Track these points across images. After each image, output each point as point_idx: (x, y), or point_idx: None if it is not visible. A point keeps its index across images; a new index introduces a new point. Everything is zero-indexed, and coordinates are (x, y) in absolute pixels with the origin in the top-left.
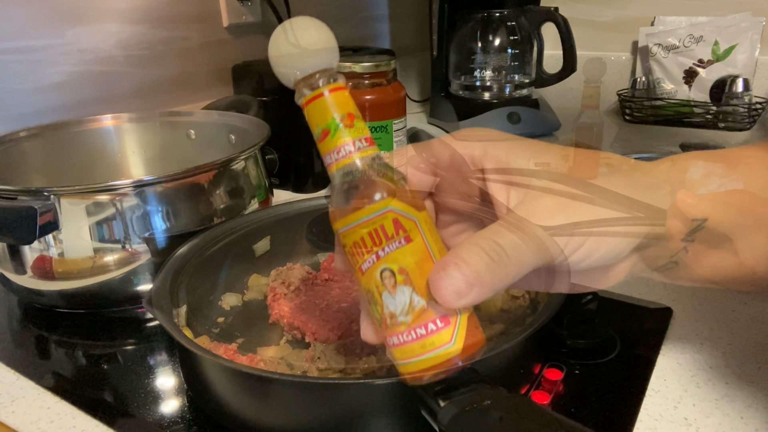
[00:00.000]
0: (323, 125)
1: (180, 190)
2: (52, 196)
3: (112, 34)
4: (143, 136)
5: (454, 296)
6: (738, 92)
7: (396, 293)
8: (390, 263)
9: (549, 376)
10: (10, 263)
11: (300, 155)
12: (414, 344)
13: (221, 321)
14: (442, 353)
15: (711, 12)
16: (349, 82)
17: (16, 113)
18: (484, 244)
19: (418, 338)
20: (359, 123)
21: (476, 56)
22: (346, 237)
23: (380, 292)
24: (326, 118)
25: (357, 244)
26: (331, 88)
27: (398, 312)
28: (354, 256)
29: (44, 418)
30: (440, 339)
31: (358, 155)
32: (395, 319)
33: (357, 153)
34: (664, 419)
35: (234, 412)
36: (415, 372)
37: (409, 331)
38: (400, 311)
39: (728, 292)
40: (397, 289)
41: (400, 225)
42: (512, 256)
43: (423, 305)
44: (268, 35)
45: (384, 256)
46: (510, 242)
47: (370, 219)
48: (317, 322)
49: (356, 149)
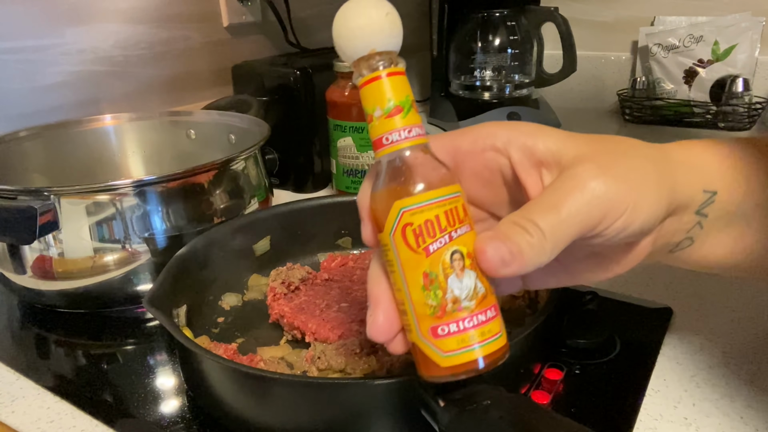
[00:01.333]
0: (397, 102)
1: (180, 190)
2: (52, 196)
3: (112, 34)
4: (143, 136)
5: (499, 263)
6: (738, 92)
7: (463, 276)
8: (461, 246)
9: (549, 376)
10: (10, 263)
11: (300, 155)
12: (475, 331)
13: (221, 321)
14: (496, 342)
15: (711, 12)
16: (349, 82)
17: (16, 113)
18: (522, 222)
19: (479, 324)
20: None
21: (476, 56)
22: (415, 215)
23: (447, 275)
24: (400, 96)
25: (430, 223)
26: (400, 69)
27: (463, 296)
28: (420, 236)
29: (44, 418)
30: (495, 327)
31: (425, 138)
32: (459, 304)
33: (424, 135)
34: (664, 419)
35: (234, 412)
36: (469, 361)
37: (471, 317)
38: (465, 296)
39: (728, 291)
40: (465, 272)
41: (466, 211)
42: (548, 233)
43: (484, 292)
44: (268, 35)
45: (456, 238)
46: (546, 219)
47: (447, 199)
48: (317, 322)
49: (423, 132)
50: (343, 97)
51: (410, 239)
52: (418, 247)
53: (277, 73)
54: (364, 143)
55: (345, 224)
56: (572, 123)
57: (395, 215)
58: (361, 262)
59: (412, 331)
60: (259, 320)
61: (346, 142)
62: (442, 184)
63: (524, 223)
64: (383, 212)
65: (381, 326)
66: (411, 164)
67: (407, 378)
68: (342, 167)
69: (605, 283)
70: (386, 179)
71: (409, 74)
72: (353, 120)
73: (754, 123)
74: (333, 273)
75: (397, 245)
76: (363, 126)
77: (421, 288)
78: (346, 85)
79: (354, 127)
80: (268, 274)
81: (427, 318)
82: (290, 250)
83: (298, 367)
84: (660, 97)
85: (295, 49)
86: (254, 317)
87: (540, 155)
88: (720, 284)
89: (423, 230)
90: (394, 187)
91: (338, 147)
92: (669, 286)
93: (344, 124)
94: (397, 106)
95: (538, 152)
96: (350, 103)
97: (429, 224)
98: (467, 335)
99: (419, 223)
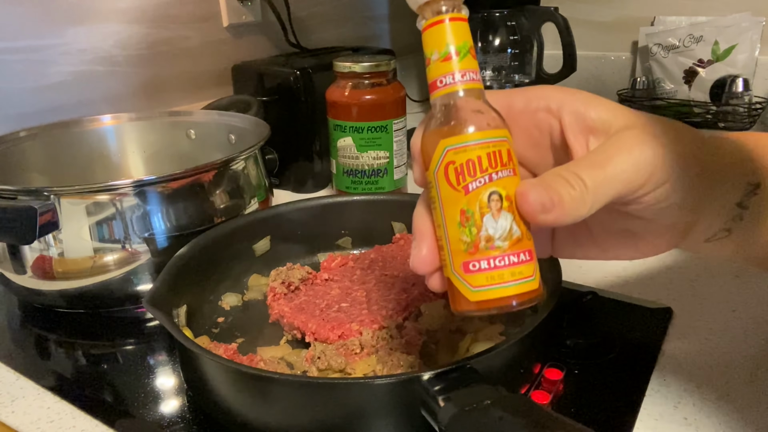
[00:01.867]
0: (456, 46)
1: (180, 190)
2: (52, 196)
3: (112, 34)
4: (143, 136)
5: (539, 207)
6: (738, 92)
7: (499, 217)
8: (500, 188)
9: (549, 376)
10: (10, 263)
11: (300, 155)
12: (505, 270)
13: (221, 321)
14: (527, 284)
15: (711, 12)
16: (349, 82)
17: (16, 113)
18: (567, 174)
19: (510, 265)
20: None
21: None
22: (458, 154)
23: (483, 214)
24: (459, 41)
25: (471, 163)
26: (463, 16)
27: (497, 236)
28: (461, 174)
29: (44, 418)
30: (528, 270)
31: (479, 84)
32: (492, 243)
33: (479, 81)
34: (664, 419)
35: (234, 412)
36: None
37: (503, 257)
38: (498, 236)
39: (728, 291)
40: (501, 213)
41: (510, 156)
42: (591, 187)
43: (519, 235)
44: (268, 35)
45: (496, 180)
46: (590, 174)
47: (492, 141)
48: (317, 322)
49: (478, 78)
50: (343, 97)
51: (451, 177)
52: (458, 184)
53: (277, 73)
54: (364, 143)
55: (345, 224)
56: None
57: (440, 153)
58: (361, 262)
59: (447, 266)
60: (259, 320)
61: (346, 142)
62: (488, 127)
63: (568, 175)
64: (430, 151)
65: (424, 258)
66: (461, 106)
67: (407, 378)
68: (342, 167)
69: (605, 283)
70: (437, 120)
71: (409, 74)
72: (353, 120)
73: (754, 123)
74: (333, 273)
75: (439, 182)
76: (363, 126)
77: (457, 224)
78: (346, 85)
79: (354, 127)
80: (268, 274)
81: (461, 253)
82: (290, 250)
83: (298, 367)
84: (660, 97)
85: (295, 49)
86: (254, 317)
87: (590, 122)
88: (720, 284)
89: (464, 169)
90: (443, 126)
91: (338, 147)
92: (669, 286)
93: (344, 124)
94: (455, 50)
95: (589, 119)
96: (350, 103)
97: (470, 163)
98: (497, 273)
99: (461, 161)
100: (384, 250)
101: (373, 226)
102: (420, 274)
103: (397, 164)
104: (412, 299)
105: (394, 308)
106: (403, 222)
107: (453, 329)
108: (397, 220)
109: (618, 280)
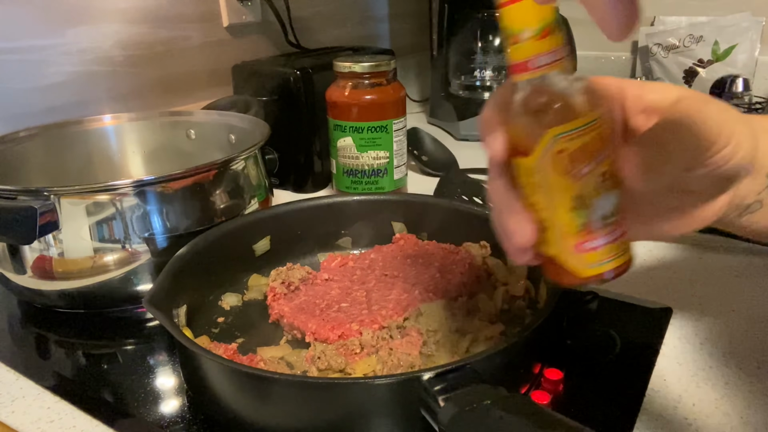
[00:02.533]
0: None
1: (180, 190)
2: (52, 196)
3: (112, 34)
4: (143, 136)
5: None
6: (738, 92)
7: (609, 195)
8: (609, 166)
9: (549, 376)
10: (10, 263)
11: (300, 155)
12: (614, 245)
13: (221, 321)
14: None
15: (711, 12)
16: (349, 82)
17: (16, 113)
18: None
19: (617, 239)
20: None
21: (476, 56)
22: (572, 140)
23: (598, 194)
24: (551, 15)
25: (584, 147)
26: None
27: (608, 214)
28: (574, 161)
29: (44, 418)
30: (627, 241)
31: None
32: (607, 220)
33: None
34: (664, 419)
35: (234, 411)
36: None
37: (612, 232)
38: (609, 213)
39: (728, 291)
40: (612, 191)
41: (612, 130)
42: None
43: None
44: (268, 35)
45: (605, 159)
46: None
47: (598, 123)
48: (317, 322)
49: (565, 53)
50: (343, 97)
51: (563, 164)
52: (571, 171)
53: (277, 73)
54: (364, 143)
55: (345, 224)
56: None
57: (548, 141)
58: (361, 262)
59: (552, 244)
60: (259, 320)
61: (346, 142)
62: (593, 108)
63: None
64: (529, 137)
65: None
66: (563, 88)
67: (407, 378)
68: (342, 167)
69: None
70: (532, 104)
71: (409, 74)
72: (353, 120)
73: None
74: (333, 273)
75: (548, 169)
76: (363, 126)
77: (569, 209)
78: (346, 85)
79: (354, 127)
80: (268, 274)
81: (572, 235)
82: (290, 250)
83: (298, 367)
84: None
85: (295, 49)
86: (254, 317)
87: (647, 102)
88: (720, 284)
89: (577, 155)
90: (545, 112)
91: (338, 147)
92: (669, 286)
93: (344, 124)
94: (549, 26)
95: (646, 99)
96: (350, 103)
97: (583, 149)
98: (608, 248)
99: (573, 148)
100: (384, 250)
101: (373, 226)
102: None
103: (397, 164)
104: (412, 299)
105: (394, 308)
106: (403, 222)
107: (453, 329)
108: (397, 220)
109: (618, 280)
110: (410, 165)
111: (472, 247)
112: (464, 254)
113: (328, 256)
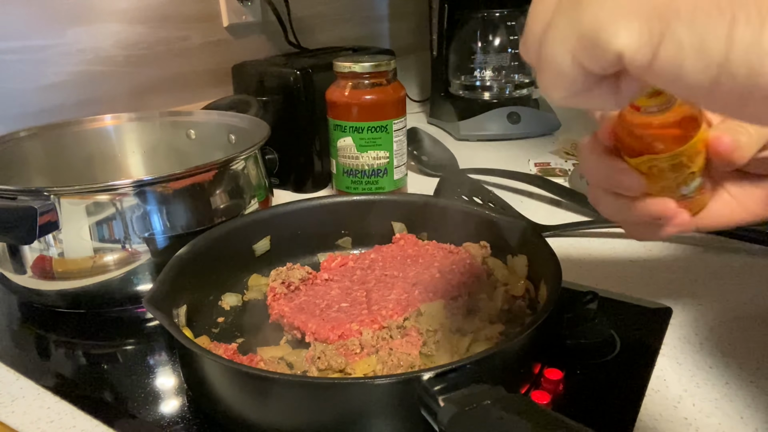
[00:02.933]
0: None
1: (180, 190)
2: (52, 196)
3: (112, 34)
4: (143, 136)
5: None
6: None
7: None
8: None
9: (549, 376)
10: (10, 263)
11: (300, 155)
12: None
13: (221, 321)
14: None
15: None
16: (349, 82)
17: (16, 113)
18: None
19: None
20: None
21: (476, 56)
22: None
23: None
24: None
25: (699, 145)
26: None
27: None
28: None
29: (44, 418)
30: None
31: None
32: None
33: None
34: (663, 419)
35: (234, 412)
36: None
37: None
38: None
39: (728, 291)
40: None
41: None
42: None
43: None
44: (268, 35)
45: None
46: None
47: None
48: (317, 322)
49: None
50: (343, 97)
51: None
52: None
53: (277, 73)
54: (364, 143)
55: (345, 224)
56: (572, 123)
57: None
58: (361, 262)
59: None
60: (259, 320)
61: (346, 142)
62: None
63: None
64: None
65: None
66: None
67: (407, 378)
68: (342, 167)
69: (605, 283)
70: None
71: (409, 74)
72: (353, 120)
73: None
74: (333, 273)
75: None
76: (363, 126)
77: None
78: (346, 85)
79: (354, 127)
80: (268, 274)
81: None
82: (290, 250)
83: (298, 367)
84: None
85: (295, 49)
86: (254, 317)
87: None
88: (720, 284)
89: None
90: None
91: (338, 147)
92: (669, 286)
93: (344, 124)
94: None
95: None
96: (350, 103)
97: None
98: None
99: (690, 154)
100: (384, 250)
101: (373, 226)
102: (678, 223)
103: (397, 164)
104: (412, 299)
105: (394, 308)
106: (403, 222)
107: (453, 329)
108: (397, 220)
109: (618, 280)
110: (410, 165)
111: (472, 247)
112: (464, 254)
113: (328, 256)
